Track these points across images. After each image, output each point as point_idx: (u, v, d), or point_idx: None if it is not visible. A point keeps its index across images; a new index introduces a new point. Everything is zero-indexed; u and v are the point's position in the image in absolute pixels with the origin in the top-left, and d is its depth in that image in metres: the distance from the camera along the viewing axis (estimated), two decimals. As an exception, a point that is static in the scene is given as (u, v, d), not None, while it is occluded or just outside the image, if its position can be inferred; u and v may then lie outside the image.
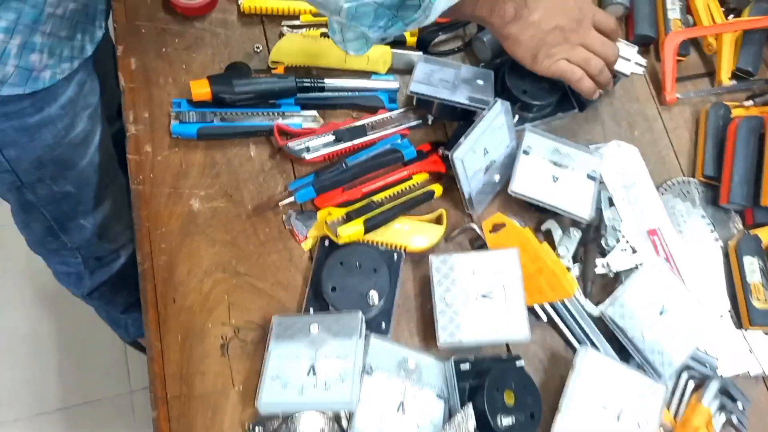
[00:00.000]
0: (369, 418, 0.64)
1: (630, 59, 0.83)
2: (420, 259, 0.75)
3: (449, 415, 0.65)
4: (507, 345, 0.73)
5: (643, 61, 0.83)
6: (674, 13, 0.88)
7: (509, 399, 0.65)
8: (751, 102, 0.85)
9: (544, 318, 0.74)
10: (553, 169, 0.77)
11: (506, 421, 0.63)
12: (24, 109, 0.73)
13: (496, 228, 0.74)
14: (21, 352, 1.57)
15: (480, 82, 0.79)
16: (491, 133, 0.75)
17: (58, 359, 1.57)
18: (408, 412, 0.65)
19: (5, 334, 1.57)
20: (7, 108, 0.72)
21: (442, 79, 0.78)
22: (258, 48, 0.82)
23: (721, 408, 0.70)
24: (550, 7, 0.73)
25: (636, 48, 0.83)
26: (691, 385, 0.72)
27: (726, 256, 0.79)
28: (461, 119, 0.80)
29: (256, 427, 0.65)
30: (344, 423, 0.64)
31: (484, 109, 0.75)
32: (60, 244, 0.97)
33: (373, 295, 0.69)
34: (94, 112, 0.83)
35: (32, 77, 0.71)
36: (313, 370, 0.64)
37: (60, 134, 0.79)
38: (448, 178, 0.78)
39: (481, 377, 0.66)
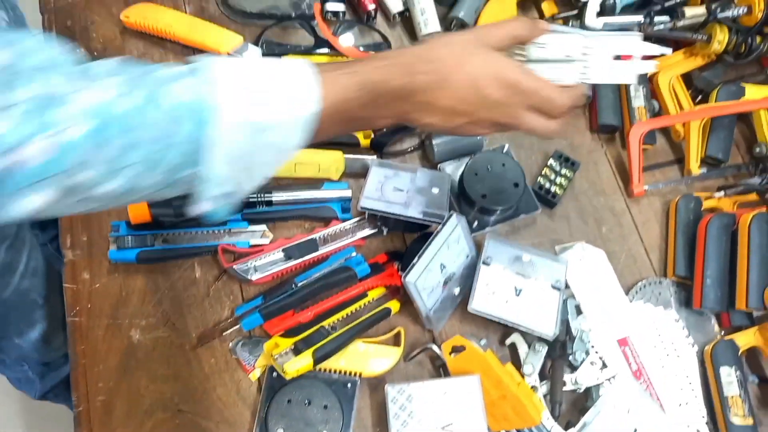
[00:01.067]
0: None
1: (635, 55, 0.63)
2: (378, 384, 0.71)
3: None
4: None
5: (653, 50, 0.63)
6: (638, 100, 0.85)
7: None
8: (722, 193, 0.82)
9: (512, 445, 0.69)
10: (516, 280, 0.73)
11: None
12: None
13: (456, 350, 0.70)
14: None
15: (435, 190, 0.75)
16: (447, 248, 0.71)
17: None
18: None
19: None
20: None
21: (395, 188, 0.75)
22: (203, 158, 0.78)
23: None
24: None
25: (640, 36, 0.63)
26: None
27: (702, 363, 0.75)
28: (418, 230, 0.76)
29: None
30: None
31: (439, 224, 0.71)
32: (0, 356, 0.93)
33: (324, 435, 0.65)
34: (14, 240, 0.78)
35: None
36: None
37: None
38: (405, 291, 0.74)
39: None
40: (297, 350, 0.66)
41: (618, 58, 0.62)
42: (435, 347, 0.71)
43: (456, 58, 0.52)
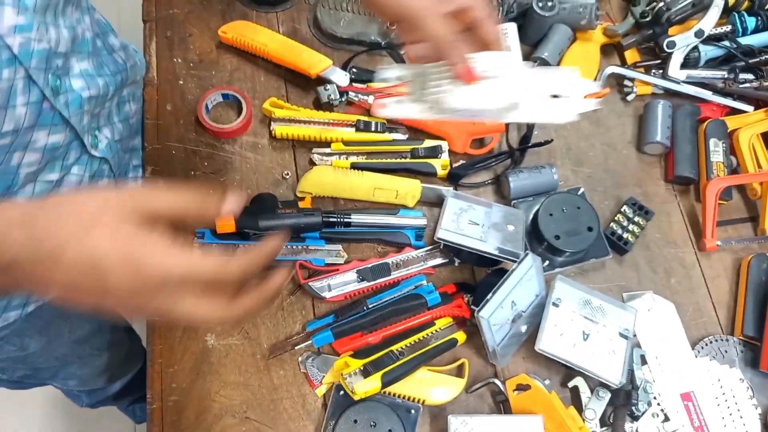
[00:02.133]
0: None
1: (570, 95, 0.61)
2: (438, 413, 0.72)
3: None
4: None
5: (591, 88, 0.61)
6: (717, 155, 0.85)
7: None
8: (796, 256, 0.81)
9: (567, 489, 0.69)
10: (584, 324, 0.73)
11: None
12: None
13: (520, 388, 0.71)
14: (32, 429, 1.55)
15: (510, 227, 0.76)
16: (520, 287, 0.72)
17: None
18: None
19: (18, 407, 1.56)
20: None
21: (471, 221, 0.76)
22: (287, 174, 0.81)
23: None
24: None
25: (577, 73, 0.61)
26: None
27: (765, 425, 0.74)
28: (490, 265, 0.77)
29: None
30: None
31: (513, 261, 0.72)
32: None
33: (387, 460, 0.66)
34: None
35: None
36: None
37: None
38: (472, 323, 0.75)
39: None
40: (366, 372, 0.68)
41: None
42: (498, 382, 0.72)
43: (79, 226, 0.41)
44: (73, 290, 0.42)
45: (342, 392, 0.70)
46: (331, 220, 0.76)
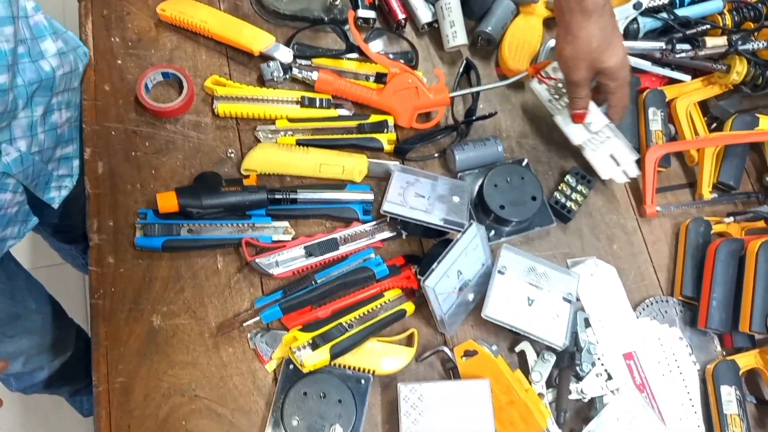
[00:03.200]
0: None
1: (620, 164, 0.83)
2: (389, 382, 0.73)
3: None
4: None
5: (634, 173, 0.83)
6: (656, 124, 0.87)
7: None
8: (731, 219, 0.84)
9: (516, 449, 0.71)
10: (529, 290, 0.75)
11: None
12: None
13: (468, 354, 0.72)
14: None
15: (456, 199, 0.77)
16: (466, 256, 0.73)
17: (26, 418, 1.53)
18: None
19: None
20: None
21: (417, 194, 0.77)
22: (231, 153, 0.80)
23: None
24: None
25: (636, 156, 0.83)
26: None
27: (703, 381, 0.77)
28: (436, 236, 0.78)
29: None
30: None
31: (458, 231, 0.73)
32: None
33: (337, 429, 0.67)
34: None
35: None
36: None
37: None
38: (420, 294, 0.76)
39: None
40: (315, 345, 0.68)
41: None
42: (447, 350, 0.73)
43: None
44: None
45: (292, 366, 0.70)
46: (277, 197, 0.76)
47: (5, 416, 1.52)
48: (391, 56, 0.87)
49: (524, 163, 0.84)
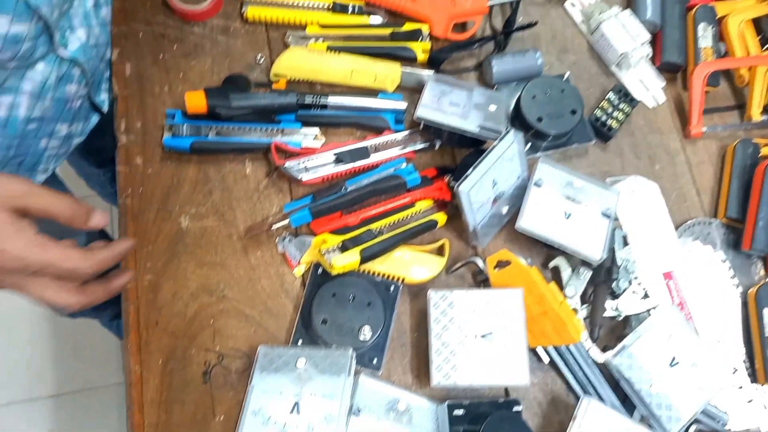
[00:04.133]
0: (352, 465, 0.60)
1: (649, 89, 0.80)
2: (419, 291, 0.71)
3: (438, 466, 0.62)
4: (506, 388, 0.69)
5: (661, 99, 0.81)
6: (705, 40, 0.83)
7: None
8: (782, 140, 0.80)
9: (546, 360, 0.70)
10: (566, 205, 0.72)
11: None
12: None
13: (500, 265, 0.70)
14: (20, 337, 1.56)
15: (492, 107, 0.74)
16: (501, 164, 0.70)
17: (56, 345, 1.57)
18: (395, 463, 0.61)
19: (5, 317, 1.57)
20: None
21: (452, 102, 0.74)
22: (260, 58, 0.78)
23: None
24: None
25: (663, 84, 0.81)
26: (699, 441, 0.68)
27: (745, 304, 0.74)
28: (470, 146, 0.76)
29: (235, 466, 0.62)
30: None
31: (495, 139, 0.70)
32: None
33: (366, 330, 0.65)
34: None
35: None
36: (297, 407, 0.61)
37: None
38: (453, 206, 0.74)
39: (477, 423, 0.62)
40: (345, 247, 0.67)
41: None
42: (479, 260, 0.71)
43: None
44: None
45: (320, 270, 0.69)
46: (307, 101, 0.74)
47: (34, 342, 1.56)
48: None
49: (566, 77, 0.80)
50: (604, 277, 0.71)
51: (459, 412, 0.63)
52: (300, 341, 0.67)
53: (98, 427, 1.52)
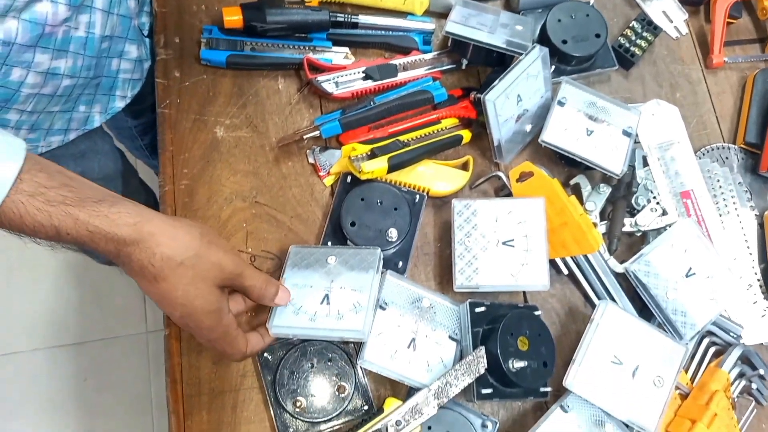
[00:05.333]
0: (379, 351, 0.63)
1: (672, 21, 0.82)
2: (442, 205, 0.74)
3: (461, 356, 0.65)
4: (524, 295, 0.71)
5: (684, 30, 0.83)
6: (729, -29, 0.84)
7: (523, 345, 0.63)
8: (802, 70, 0.81)
9: (565, 271, 0.72)
10: (588, 123, 0.74)
11: (518, 364, 0.61)
12: None
13: (523, 177, 0.72)
14: (43, 286, 1.61)
15: (519, 27, 0.76)
16: (526, 80, 0.72)
17: (80, 294, 1.61)
18: (419, 350, 0.64)
19: (30, 266, 1.61)
20: None
21: (479, 22, 0.76)
22: (294, -21, 0.80)
23: (741, 375, 0.68)
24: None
25: (685, 16, 0.83)
26: (712, 350, 0.70)
27: (761, 225, 0.76)
28: (496, 65, 0.78)
29: (265, 354, 0.65)
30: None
31: (521, 54, 0.72)
32: None
33: (393, 232, 0.68)
34: (85, 152, 0.82)
35: None
36: (327, 299, 0.64)
37: None
38: (477, 125, 0.76)
39: (496, 322, 0.64)
40: (373, 155, 0.69)
41: None
42: (502, 175, 0.74)
43: (179, 278, 0.51)
44: (170, 312, 0.54)
45: (349, 178, 0.72)
46: (339, 18, 0.76)
47: (58, 291, 1.61)
48: None
49: (591, 2, 0.82)
50: (623, 193, 0.73)
51: (480, 309, 0.66)
52: (329, 243, 0.70)
53: (121, 374, 1.57)
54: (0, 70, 0.59)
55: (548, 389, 0.65)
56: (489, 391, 0.63)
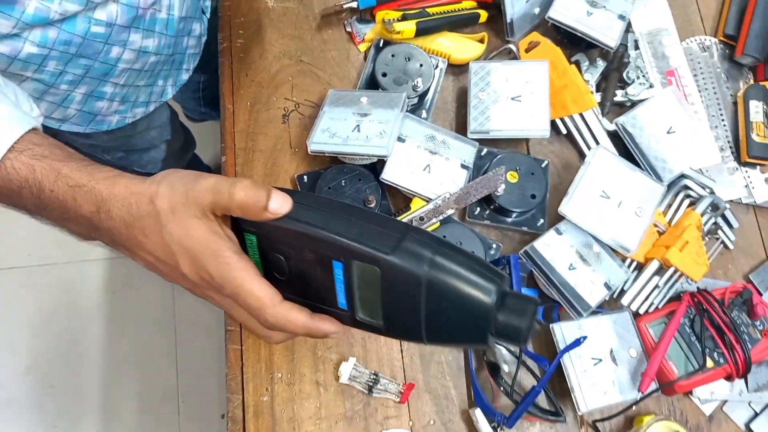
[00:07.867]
0: (398, 170, 0.75)
1: None
2: (460, 73, 0.86)
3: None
4: (527, 146, 0.83)
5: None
6: None
7: (512, 178, 0.75)
8: (777, -26, 0.93)
9: (564, 131, 0.83)
10: (588, 7, 0.86)
11: (502, 190, 0.74)
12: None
13: (531, 47, 0.84)
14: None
15: None
16: (536, -36, 0.84)
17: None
18: (433, 173, 0.75)
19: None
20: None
21: None
22: None
23: (711, 222, 0.80)
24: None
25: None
26: (687, 201, 0.82)
27: (734, 104, 0.88)
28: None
29: (304, 176, 0.77)
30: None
31: (532, -59, 0.84)
32: None
33: (419, 82, 0.80)
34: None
35: (96, 120, 0.75)
36: (358, 128, 0.75)
37: None
38: (493, 7, 0.88)
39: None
40: (404, 18, 0.81)
41: None
42: (513, 46, 0.86)
43: (160, 216, 0.44)
44: (154, 265, 0.47)
45: (381, 42, 0.84)
46: None
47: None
48: None
49: None
50: (616, 65, 0.85)
51: (484, 152, 0.78)
52: (363, 94, 0.82)
53: (147, 289, 1.68)
54: (102, 48, 0.65)
55: (543, 221, 0.77)
56: (478, 210, 0.75)
